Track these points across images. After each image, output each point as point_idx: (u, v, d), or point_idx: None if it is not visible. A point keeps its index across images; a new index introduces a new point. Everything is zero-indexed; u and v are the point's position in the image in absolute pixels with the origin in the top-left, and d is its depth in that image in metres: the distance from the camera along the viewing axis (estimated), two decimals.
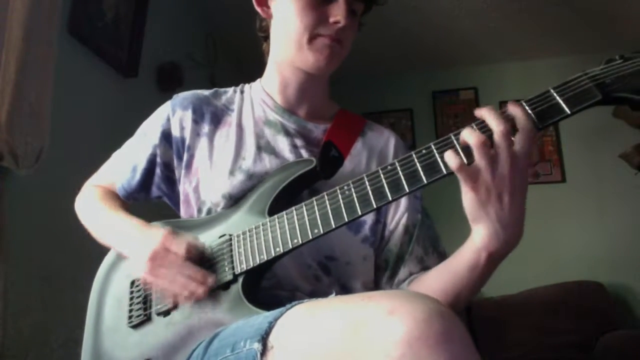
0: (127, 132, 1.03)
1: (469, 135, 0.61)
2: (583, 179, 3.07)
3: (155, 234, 0.78)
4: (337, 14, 0.81)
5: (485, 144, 0.60)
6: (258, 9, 0.92)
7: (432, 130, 3.34)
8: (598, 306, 2.60)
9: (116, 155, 1.01)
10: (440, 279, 0.76)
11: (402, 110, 3.44)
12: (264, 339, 0.57)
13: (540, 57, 3.22)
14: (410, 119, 3.42)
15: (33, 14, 1.36)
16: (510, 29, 2.94)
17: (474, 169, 0.61)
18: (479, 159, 0.60)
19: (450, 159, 0.61)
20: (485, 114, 0.62)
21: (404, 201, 0.89)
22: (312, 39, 0.83)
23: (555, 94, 0.62)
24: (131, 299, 0.83)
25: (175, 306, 0.77)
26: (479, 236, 0.65)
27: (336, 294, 0.68)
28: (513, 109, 0.62)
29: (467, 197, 0.63)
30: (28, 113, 1.35)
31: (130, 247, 0.83)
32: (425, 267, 0.85)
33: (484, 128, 0.62)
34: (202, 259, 0.78)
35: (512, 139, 0.61)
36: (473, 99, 3.35)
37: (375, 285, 0.87)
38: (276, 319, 0.59)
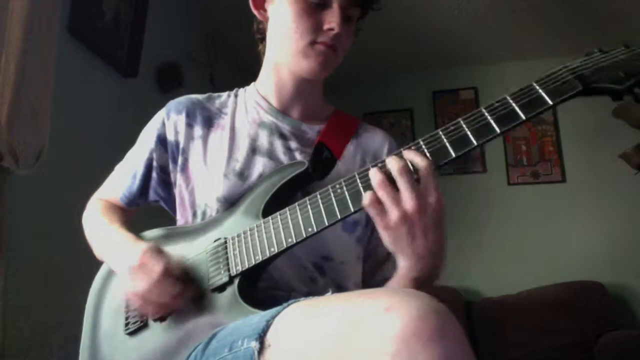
0: (127, 132, 1.03)
1: (372, 175, 0.65)
2: (583, 179, 3.08)
3: (136, 250, 0.77)
4: (332, 20, 0.81)
5: (385, 183, 0.63)
6: (255, 12, 0.92)
7: (432, 130, 3.26)
8: (598, 306, 2.60)
9: (118, 167, 1.02)
10: None
11: (402, 110, 3.44)
12: (261, 338, 0.57)
13: (540, 57, 3.22)
14: (410, 119, 3.42)
15: (33, 14, 1.36)
16: (510, 29, 2.94)
17: (383, 207, 0.64)
18: (382, 197, 0.63)
19: (365, 196, 0.64)
20: (387, 159, 0.66)
21: None
22: (306, 45, 0.83)
23: (537, 87, 0.65)
24: (127, 306, 0.84)
25: (166, 316, 0.77)
26: (400, 267, 0.68)
27: (332, 293, 0.68)
28: (407, 153, 0.66)
29: (382, 233, 0.66)
30: (28, 113, 1.35)
31: (115, 264, 0.84)
32: None
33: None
34: (185, 275, 0.77)
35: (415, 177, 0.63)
36: (473, 99, 3.35)
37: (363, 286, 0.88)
38: (273, 317, 0.59)
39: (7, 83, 1.30)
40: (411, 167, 0.64)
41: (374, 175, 0.64)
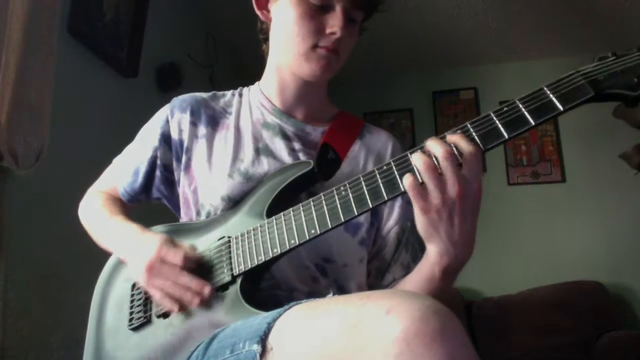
0: (127, 132, 1.03)
1: (417, 159, 0.63)
2: (583, 179, 3.08)
3: (151, 243, 0.77)
4: (334, 24, 0.81)
5: (431, 167, 0.62)
6: (258, 12, 0.92)
7: (432, 130, 3.34)
8: (598, 306, 2.60)
9: (117, 161, 1.01)
10: (407, 288, 0.77)
11: (402, 110, 3.44)
12: (263, 341, 0.57)
13: (540, 57, 3.22)
14: (410, 119, 3.42)
15: (33, 14, 1.36)
16: (510, 29, 2.94)
17: (425, 190, 0.62)
18: (426, 181, 0.62)
19: (405, 178, 0.63)
20: (429, 142, 0.64)
21: (397, 209, 0.89)
22: (308, 49, 0.83)
23: (548, 92, 0.63)
24: (132, 301, 0.84)
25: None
26: (432, 253, 0.68)
27: (334, 295, 0.68)
28: (452, 137, 0.64)
29: (419, 217, 0.65)
30: (28, 113, 1.35)
31: (128, 255, 0.83)
32: (408, 274, 0.85)
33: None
34: (200, 267, 0.78)
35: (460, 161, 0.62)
36: (473, 99, 3.36)
37: (368, 288, 0.87)
38: (275, 320, 0.59)
39: (7, 83, 1.30)
40: (456, 152, 0.63)
41: (419, 158, 0.63)
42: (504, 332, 2.63)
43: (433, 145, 0.63)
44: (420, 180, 0.63)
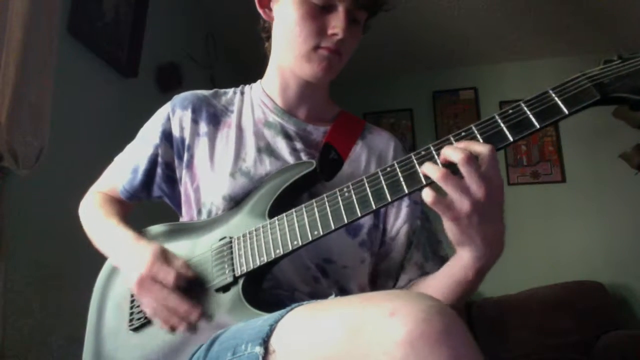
0: (127, 132, 1.03)
1: (431, 171, 0.62)
2: (583, 179, 3.08)
3: (143, 255, 0.76)
4: (336, 25, 0.80)
5: (449, 176, 0.61)
6: (260, 11, 0.91)
7: (432, 130, 3.34)
8: (598, 306, 2.60)
9: (118, 159, 1.00)
10: (432, 291, 0.76)
11: (402, 110, 3.44)
12: (265, 342, 0.57)
13: (540, 57, 3.22)
14: (410, 119, 3.42)
15: (33, 15, 1.36)
16: (510, 29, 2.94)
17: (449, 201, 0.61)
18: (449, 192, 0.61)
19: (426, 194, 0.61)
20: (444, 151, 0.63)
21: (404, 209, 0.88)
22: (310, 50, 0.82)
23: (553, 95, 0.63)
24: (132, 302, 0.83)
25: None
26: (467, 257, 0.67)
27: (336, 296, 0.68)
28: (460, 144, 0.63)
29: (450, 227, 0.64)
30: (28, 113, 1.35)
31: (120, 264, 0.83)
32: (424, 273, 0.85)
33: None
34: (200, 268, 0.77)
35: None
36: (473, 99, 3.35)
37: (377, 289, 0.87)
38: (277, 322, 0.59)
39: (7, 83, 1.30)
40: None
41: (433, 168, 0.61)
42: (504, 332, 2.63)
43: (450, 153, 0.62)
44: (432, 180, 0.62)
